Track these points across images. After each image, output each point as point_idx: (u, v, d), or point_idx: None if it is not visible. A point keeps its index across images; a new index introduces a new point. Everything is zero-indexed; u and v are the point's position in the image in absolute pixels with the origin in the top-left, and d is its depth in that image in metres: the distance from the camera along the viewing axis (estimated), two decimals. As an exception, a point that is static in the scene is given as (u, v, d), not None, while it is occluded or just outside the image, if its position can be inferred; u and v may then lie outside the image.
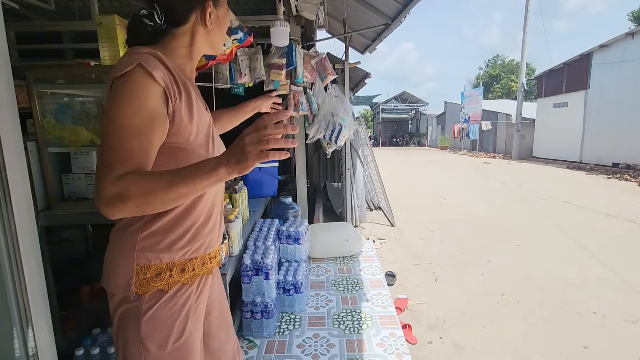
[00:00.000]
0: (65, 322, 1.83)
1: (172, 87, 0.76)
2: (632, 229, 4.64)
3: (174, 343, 0.84)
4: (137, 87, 0.71)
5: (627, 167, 10.50)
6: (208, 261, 0.92)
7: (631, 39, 10.71)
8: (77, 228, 2.31)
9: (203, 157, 0.83)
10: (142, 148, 0.71)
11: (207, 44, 0.90)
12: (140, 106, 0.70)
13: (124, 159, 0.69)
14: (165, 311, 0.83)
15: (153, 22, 0.80)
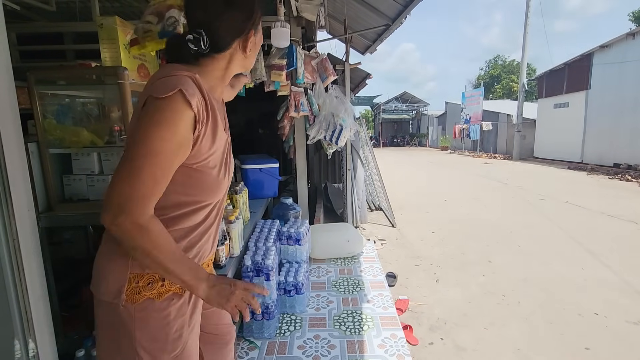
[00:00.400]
0: (66, 323, 1.83)
1: (202, 113, 0.78)
2: (633, 229, 4.63)
3: (170, 353, 0.84)
4: (174, 113, 0.73)
5: (628, 168, 10.47)
6: (205, 266, 0.95)
7: (632, 39, 10.69)
8: (78, 229, 2.31)
9: (214, 177, 0.86)
10: (165, 173, 0.75)
11: (240, 67, 0.93)
12: (174, 133, 0.73)
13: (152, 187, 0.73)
14: (159, 321, 0.82)
15: (197, 47, 0.82)
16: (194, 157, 0.80)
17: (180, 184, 0.80)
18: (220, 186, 0.89)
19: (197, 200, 0.84)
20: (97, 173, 1.74)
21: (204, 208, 0.87)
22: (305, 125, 3.45)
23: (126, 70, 1.54)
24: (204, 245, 0.91)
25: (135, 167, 0.71)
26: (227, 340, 1.14)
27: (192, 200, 0.84)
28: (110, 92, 1.69)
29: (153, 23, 1.26)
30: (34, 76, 1.60)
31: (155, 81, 0.76)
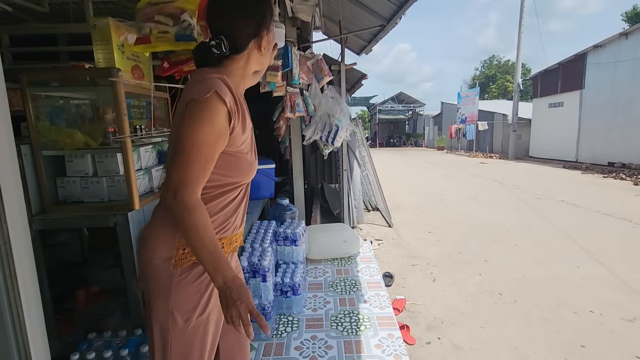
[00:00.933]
0: (61, 327, 1.81)
1: (234, 108, 0.93)
2: (628, 227, 4.67)
3: (198, 317, 0.96)
4: (213, 111, 0.88)
5: (622, 166, 10.56)
6: (234, 241, 1.07)
7: (625, 39, 10.79)
8: (73, 232, 2.29)
9: (248, 160, 1.01)
10: (209, 159, 0.91)
11: (257, 64, 1.05)
12: (213, 127, 0.88)
13: (199, 171, 0.89)
14: (195, 285, 0.96)
15: (219, 51, 0.95)
16: (230, 145, 0.94)
17: (222, 168, 0.95)
18: (252, 167, 1.04)
19: (235, 181, 1.00)
20: (91, 175, 1.72)
21: (239, 187, 1.02)
22: (301, 126, 3.45)
23: (120, 71, 1.52)
24: (236, 219, 1.05)
25: (186, 157, 0.87)
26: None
27: (231, 181, 0.99)
28: (104, 93, 1.68)
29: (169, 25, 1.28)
30: (27, 78, 1.59)
31: (194, 86, 0.91)
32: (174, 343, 0.95)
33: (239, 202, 1.05)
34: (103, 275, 2.06)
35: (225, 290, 0.86)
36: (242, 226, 1.13)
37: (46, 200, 1.63)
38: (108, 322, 1.85)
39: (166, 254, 0.94)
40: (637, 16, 20.18)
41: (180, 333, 0.95)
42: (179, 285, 0.94)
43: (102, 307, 1.93)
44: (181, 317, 0.94)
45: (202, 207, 0.89)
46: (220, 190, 0.98)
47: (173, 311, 0.94)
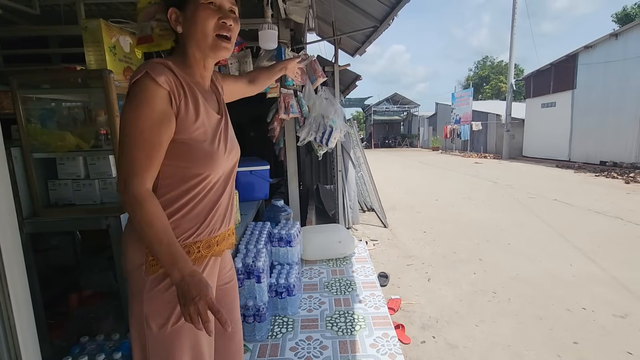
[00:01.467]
0: (53, 331, 1.80)
1: (177, 90, 0.87)
2: (619, 225, 4.73)
3: (173, 324, 0.91)
4: (146, 92, 0.82)
5: (614, 165, 10.70)
6: (215, 244, 1.00)
7: (615, 40, 10.94)
8: (65, 235, 2.27)
9: (206, 151, 0.92)
10: (154, 147, 0.85)
11: (195, 47, 0.93)
12: (150, 111, 0.83)
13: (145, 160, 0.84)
14: (169, 293, 0.90)
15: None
16: (180, 131, 0.88)
17: (175, 158, 0.89)
18: (215, 158, 0.93)
19: (196, 173, 0.92)
20: (83, 177, 1.72)
21: (205, 180, 0.93)
22: (296, 127, 3.45)
23: (112, 73, 1.52)
24: (214, 219, 0.98)
25: (128, 147, 0.82)
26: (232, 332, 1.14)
27: (191, 174, 0.91)
28: (96, 95, 1.68)
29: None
30: (17, 80, 1.58)
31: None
32: (151, 349, 0.91)
33: (215, 199, 0.98)
34: (96, 278, 2.04)
35: (182, 285, 0.81)
36: (229, 227, 1.07)
37: (37, 203, 1.62)
38: (101, 325, 1.84)
39: (138, 260, 0.91)
40: (627, 17, 20.48)
41: (156, 340, 0.91)
42: (152, 292, 0.90)
43: (95, 310, 1.92)
44: (155, 324, 0.90)
45: (153, 198, 0.84)
46: (183, 186, 0.91)
47: (147, 318, 0.90)
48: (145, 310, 0.90)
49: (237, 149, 1.06)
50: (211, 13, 0.91)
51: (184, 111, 0.88)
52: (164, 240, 0.83)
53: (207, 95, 0.98)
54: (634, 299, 2.73)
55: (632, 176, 8.74)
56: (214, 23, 0.91)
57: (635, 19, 14.02)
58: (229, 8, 0.94)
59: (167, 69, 0.86)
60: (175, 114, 0.86)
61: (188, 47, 0.94)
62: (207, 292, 0.81)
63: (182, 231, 0.93)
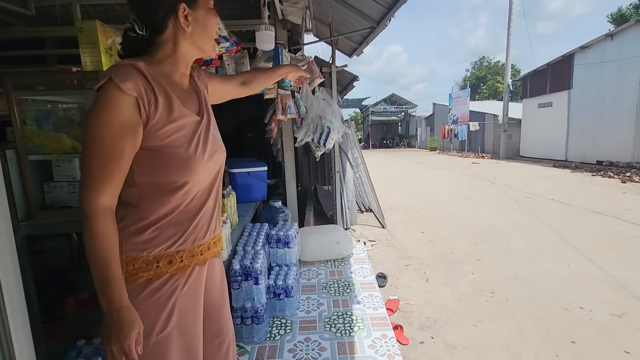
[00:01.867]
0: (49, 334, 1.78)
1: (147, 95, 0.81)
2: (616, 224, 4.75)
3: (158, 334, 0.87)
4: (108, 100, 0.77)
5: (610, 165, 10.76)
6: (198, 253, 0.95)
7: (610, 40, 11.01)
8: (61, 237, 2.26)
9: (182, 157, 0.87)
10: (114, 157, 0.79)
11: (193, 48, 0.92)
12: (113, 119, 0.77)
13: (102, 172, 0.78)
14: (152, 302, 0.87)
15: (136, 34, 0.86)
16: (151, 138, 0.83)
17: (147, 166, 0.84)
18: (192, 165, 0.88)
19: (172, 181, 0.86)
20: (79, 179, 1.71)
21: (183, 187, 0.88)
22: (293, 128, 3.45)
23: (107, 74, 1.51)
24: (197, 227, 0.94)
25: (85, 156, 0.78)
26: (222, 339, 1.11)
27: (166, 181, 0.86)
28: (92, 96, 1.66)
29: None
30: (12, 82, 1.57)
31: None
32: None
33: (198, 207, 0.93)
34: (92, 281, 2.03)
35: (106, 319, 0.77)
36: (214, 235, 1.02)
37: (32, 205, 1.61)
38: (98, 328, 1.82)
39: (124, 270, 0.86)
40: (622, 18, 20.62)
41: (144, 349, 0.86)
42: (134, 302, 0.84)
43: (92, 313, 1.91)
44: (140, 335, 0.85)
45: (105, 215, 0.78)
46: (161, 196, 0.87)
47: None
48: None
49: (222, 151, 1.00)
50: (214, 18, 0.94)
51: (155, 117, 0.82)
52: (100, 262, 0.77)
53: (184, 95, 0.93)
54: (631, 298, 2.74)
55: (628, 176, 8.79)
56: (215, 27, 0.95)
57: (630, 19, 14.10)
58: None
59: (136, 72, 0.81)
60: (144, 121, 0.81)
61: (182, 46, 0.90)
62: (127, 336, 0.76)
63: (164, 240, 0.89)
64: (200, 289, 0.99)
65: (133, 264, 0.86)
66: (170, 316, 0.89)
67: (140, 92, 0.80)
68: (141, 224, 0.87)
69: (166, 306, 0.89)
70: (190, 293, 0.94)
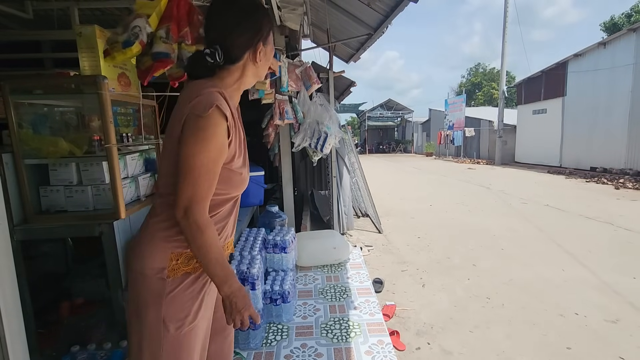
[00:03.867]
0: (43, 340, 1.76)
1: (232, 122, 0.93)
2: (610, 230, 4.80)
3: (189, 324, 0.97)
4: (216, 128, 0.88)
5: (604, 171, 10.87)
6: (226, 249, 1.07)
7: (603, 49, 11.19)
8: (56, 242, 2.23)
9: (243, 175, 1.01)
10: (215, 176, 0.92)
11: (253, 76, 1.04)
12: (216, 144, 0.89)
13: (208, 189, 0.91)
14: (187, 294, 0.96)
15: (213, 60, 0.95)
16: (227, 159, 0.95)
17: (219, 182, 0.95)
18: (244, 181, 1.04)
19: (227, 193, 1.00)
20: (75, 184, 1.70)
21: (231, 200, 1.03)
22: (290, 133, 3.46)
23: (106, 79, 1.51)
24: (227, 227, 1.07)
25: (194, 176, 0.88)
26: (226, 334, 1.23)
27: (224, 194, 0.99)
28: (90, 101, 1.66)
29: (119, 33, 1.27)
30: (9, 85, 1.56)
31: (193, 99, 0.90)
32: (165, 351, 0.95)
33: (230, 211, 1.06)
34: (88, 287, 2.01)
35: (231, 298, 0.93)
36: (233, 232, 1.14)
37: (29, 209, 1.60)
38: (92, 334, 1.80)
39: (159, 265, 0.94)
40: (615, 26, 20.95)
41: (171, 341, 0.95)
42: (172, 294, 0.94)
43: (87, 319, 1.89)
44: (173, 325, 0.95)
45: (212, 225, 0.92)
46: (215, 204, 0.98)
47: (165, 320, 0.94)
48: (163, 313, 0.94)
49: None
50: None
51: (233, 142, 0.95)
52: (219, 261, 0.91)
53: (238, 115, 1.04)
54: (625, 303, 2.76)
55: (621, 182, 8.89)
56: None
57: (622, 28, 14.34)
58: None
59: (225, 101, 0.92)
60: (228, 143, 0.93)
61: (247, 75, 1.02)
62: (250, 304, 0.96)
63: None
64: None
65: (177, 259, 0.95)
66: (200, 308, 0.99)
67: (230, 120, 0.92)
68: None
69: (197, 298, 0.99)
70: (213, 287, 1.04)
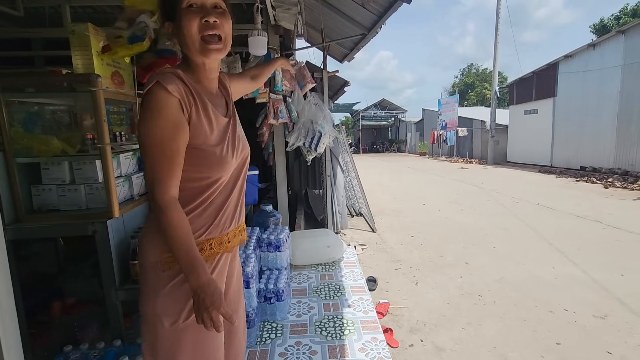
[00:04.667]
0: (35, 340, 1.75)
1: (187, 97, 0.90)
2: (599, 228, 4.88)
3: (185, 320, 0.94)
4: (158, 102, 0.85)
5: (593, 170, 11.05)
6: (226, 241, 1.03)
7: (593, 50, 11.36)
8: (48, 241, 2.21)
9: (217, 155, 0.95)
10: (175, 154, 0.88)
11: (191, 54, 0.94)
12: (166, 121, 0.86)
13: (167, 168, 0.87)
14: (183, 288, 0.94)
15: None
16: (192, 137, 0.91)
17: (190, 164, 0.92)
18: (225, 162, 0.97)
19: (208, 177, 0.95)
20: (68, 182, 1.69)
21: (216, 183, 0.97)
22: (285, 132, 3.46)
23: (99, 77, 1.51)
24: (223, 218, 1.02)
25: (150, 157, 0.86)
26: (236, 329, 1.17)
27: (203, 177, 0.95)
28: (83, 99, 1.65)
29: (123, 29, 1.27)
30: (0, 83, 1.55)
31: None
32: (161, 345, 0.95)
33: (223, 200, 1.01)
34: (80, 286, 2.00)
35: (199, 293, 0.85)
36: (239, 224, 1.10)
37: (20, 208, 1.59)
38: (85, 334, 1.80)
39: (155, 258, 0.94)
40: (604, 28, 21.30)
41: (167, 335, 0.94)
42: (166, 288, 0.94)
43: (79, 318, 1.88)
44: (167, 320, 0.94)
45: (176, 206, 0.89)
46: (194, 189, 0.95)
47: (160, 314, 0.93)
48: (158, 307, 0.93)
49: (246, 148, 1.09)
50: (192, 16, 0.90)
51: (195, 118, 0.91)
52: (183, 246, 0.87)
53: (215, 99, 1.02)
54: (613, 300, 2.82)
55: (610, 181, 9.04)
56: (197, 25, 0.90)
57: (611, 30, 14.59)
58: (212, 4, 0.92)
59: (177, 78, 0.89)
60: (187, 120, 0.90)
61: (187, 55, 0.96)
62: (220, 302, 0.86)
63: (195, 229, 0.95)
64: (223, 280, 1.06)
65: (169, 252, 0.92)
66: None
67: (182, 95, 0.88)
68: None
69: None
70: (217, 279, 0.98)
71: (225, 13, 0.94)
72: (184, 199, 0.93)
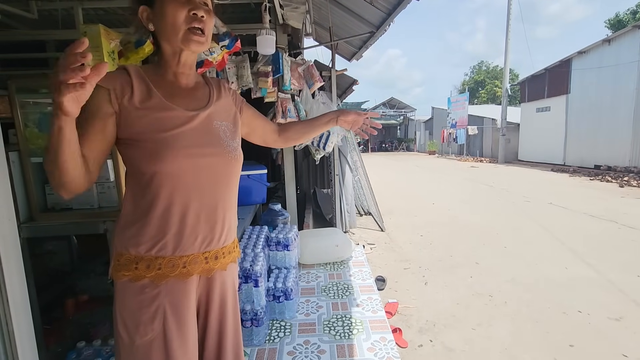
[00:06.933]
0: (49, 336, 1.79)
1: (123, 88, 0.85)
2: (614, 228, 4.77)
3: (142, 337, 0.85)
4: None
5: (608, 169, 10.80)
6: (180, 265, 0.87)
7: (608, 45, 11.11)
8: (61, 239, 2.26)
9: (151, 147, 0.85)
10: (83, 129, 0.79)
11: (167, 43, 0.90)
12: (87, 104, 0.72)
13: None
14: (137, 302, 0.86)
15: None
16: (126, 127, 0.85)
17: (125, 157, 0.88)
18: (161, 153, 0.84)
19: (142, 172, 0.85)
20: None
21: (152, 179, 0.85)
22: (293, 131, 3.46)
23: (110, 78, 1.53)
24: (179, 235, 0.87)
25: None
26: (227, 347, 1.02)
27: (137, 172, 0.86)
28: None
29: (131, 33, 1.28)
30: (15, 85, 1.58)
31: None
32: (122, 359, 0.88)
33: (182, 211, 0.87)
34: (93, 283, 2.04)
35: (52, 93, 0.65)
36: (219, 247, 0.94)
37: (34, 207, 1.62)
38: (98, 330, 1.83)
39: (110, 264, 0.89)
40: (620, 23, 20.78)
41: (126, 350, 0.86)
42: (122, 299, 0.86)
43: (92, 315, 1.91)
44: (126, 334, 0.86)
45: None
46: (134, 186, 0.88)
47: (118, 325, 0.86)
48: (118, 317, 0.86)
49: (224, 154, 0.94)
50: (180, 5, 0.86)
51: (128, 106, 0.84)
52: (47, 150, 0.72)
53: (180, 92, 0.93)
54: (629, 301, 2.75)
55: (626, 180, 8.83)
56: (184, 15, 0.87)
57: (627, 25, 14.21)
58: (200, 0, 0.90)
59: (121, 70, 0.88)
60: (116, 110, 0.84)
61: (161, 44, 0.92)
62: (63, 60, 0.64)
63: (145, 240, 0.86)
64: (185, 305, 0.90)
65: (118, 259, 0.87)
66: (153, 322, 0.85)
67: (115, 85, 0.84)
68: (127, 219, 0.88)
69: (149, 312, 0.85)
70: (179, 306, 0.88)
71: (210, 12, 0.92)
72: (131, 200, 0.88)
